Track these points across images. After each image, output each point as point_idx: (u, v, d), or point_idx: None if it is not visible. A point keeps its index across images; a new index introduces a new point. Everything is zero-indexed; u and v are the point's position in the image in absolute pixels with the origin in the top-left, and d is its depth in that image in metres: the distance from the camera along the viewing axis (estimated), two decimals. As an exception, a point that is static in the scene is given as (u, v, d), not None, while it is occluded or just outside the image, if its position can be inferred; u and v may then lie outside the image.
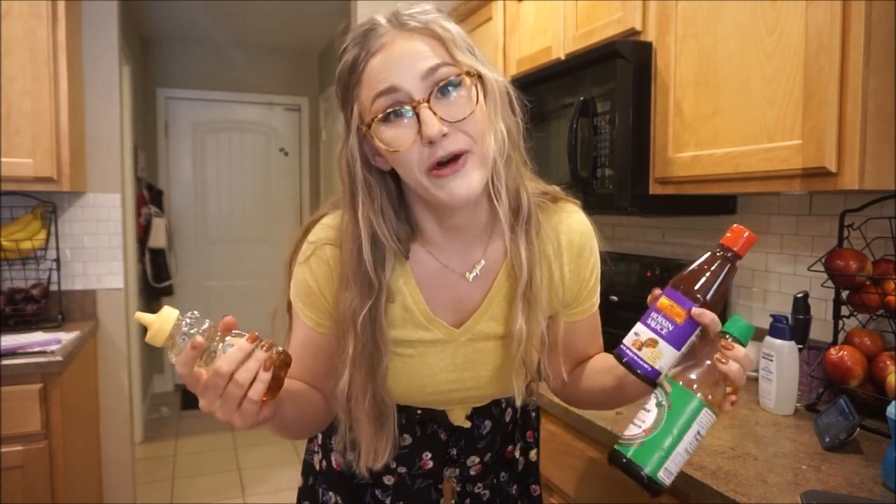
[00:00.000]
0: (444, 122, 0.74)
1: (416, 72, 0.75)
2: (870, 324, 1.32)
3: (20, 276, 2.33)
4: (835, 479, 0.99)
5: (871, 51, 1.06)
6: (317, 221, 0.91)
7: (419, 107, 0.74)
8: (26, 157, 2.03)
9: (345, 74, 0.80)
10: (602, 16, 1.73)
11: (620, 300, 2.05)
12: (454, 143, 0.75)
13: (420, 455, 0.97)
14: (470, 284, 0.89)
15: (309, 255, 0.87)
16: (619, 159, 1.58)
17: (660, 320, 0.71)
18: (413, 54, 0.76)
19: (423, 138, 0.74)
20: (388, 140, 0.76)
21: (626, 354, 0.73)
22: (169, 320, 0.66)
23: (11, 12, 1.99)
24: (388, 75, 0.75)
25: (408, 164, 0.76)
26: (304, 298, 0.89)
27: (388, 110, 0.75)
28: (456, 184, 0.76)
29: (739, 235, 0.72)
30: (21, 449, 1.81)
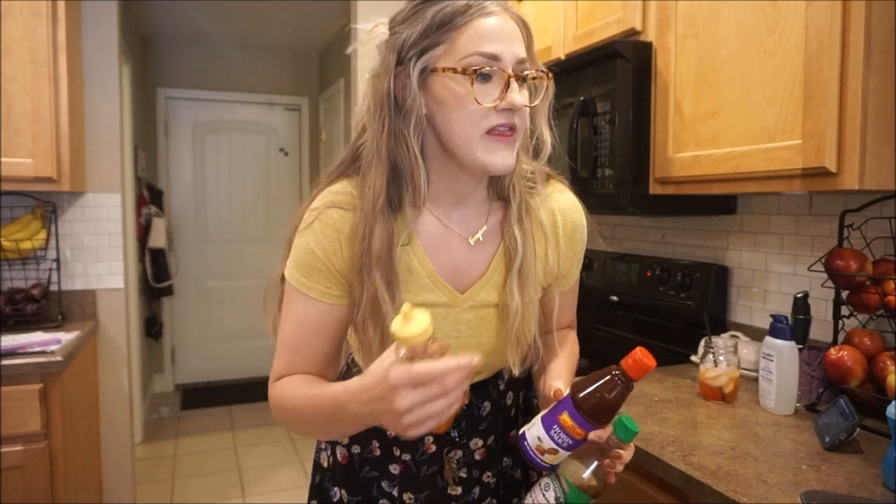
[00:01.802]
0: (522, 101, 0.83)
1: (514, 53, 0.82)
2: (870, 324, 1.32)
3: (20, 276, 2.33)
4: (835, 479, 0.99)
5: (871, 51, 1.06)
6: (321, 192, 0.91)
7: (511, 78, 0.81)
8: (26, 157, 2.02)
9: (449, 14, 0.81)
10: (602, 16, 1.73)
11: (620, 300, 2.05)
12: (516, 119, 0.83)
13: (423, 439, 0.97)
14: (472, 250, 0.92)
15: (311, 222, 0.86)
16: (619, 159, 1.58)
17: (562, 435, 0.79)
18: (517, 38, 0.83)
19: (503, 103, 0.81)
20: (474, 90, 0.80)
21: (528, 453, 0.82)
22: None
23: (11, 12, 1.99)
24: (497, 42, 0.81)
25: (471, 119, 0.81)
26: (307, 269, 0.86)
27: (486, 68, 0.80)
28: (503, 154, 0.83)
29: (642, 367, 0.81)
30: (21, 449, 1.81)
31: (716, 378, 1.36)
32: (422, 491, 0.98)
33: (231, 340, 4.68)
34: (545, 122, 0.91)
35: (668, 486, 1.09)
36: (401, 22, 0.85)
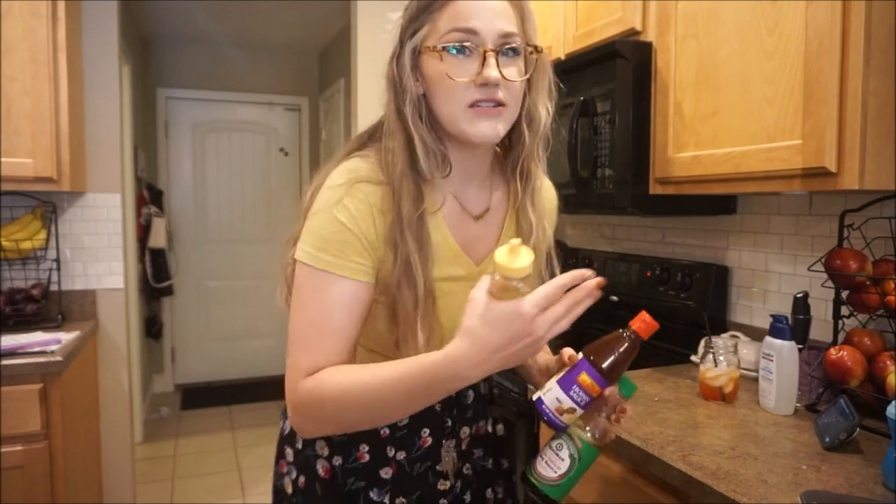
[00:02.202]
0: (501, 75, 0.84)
1: (497, 28, 0.83)
2: (870, 324, 1.32)
3: (20, 276, 2.33)
4: (835, 479, 0.99)
5: (871, 51, 1.06)
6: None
7: (488, 52, 0.83)
8: (26, 157, 2.02)
9: (421, 4, 0.86)
10: (602, 16, 1.73)
11: (620, 300, 2.05)
12: (499, 94, 0.84)
13: (419, 433, 0.97)
14: (480, 226, 0.95)
15: (340, 198, 0.83)
16: (619, 159, 1.58)
17: (581, 394, 0.83)
18: (501, 13, 0.84)
19: (478, 78, 0.82)
20: (448, 67, 0.83)
21: (547, 414, 0.85)
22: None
23: (11, 12, 1.99)
24: (475, 18, 0.83)
25: (452, 95, 0.84)
26: (337, 246, 0.82)
27: (462, 42, 0.83)
28: (486, 124, 0.85)
29: (650, 327, 0.90)
30: (21, 449, 1.81)
31: (716, 378, 1.36)
32: (414, 492, 0.98)
33: (231, 340, 4.68)
34: (541, 99, 0.92)
35: (668, 486, 1.09)
36: (405, 9, 0.89)
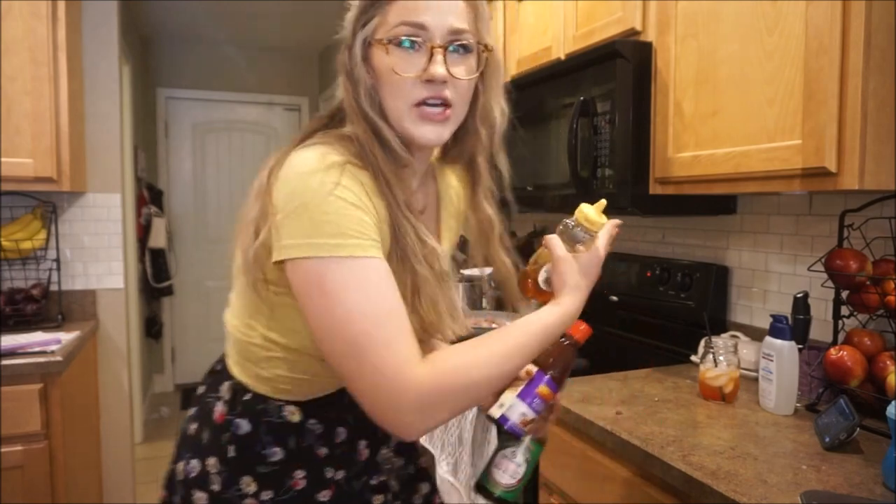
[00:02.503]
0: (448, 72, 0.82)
1: (447, 24, 0.82)
2: (870, 324, 1.31)
3: (20, 276, 2.33)
4: (835, 479, 0.99)
5: (871, 51, 1.06)
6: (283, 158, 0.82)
7: (436, 48, 0.81)
8: (26, 157, 2.03)
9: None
10: (602, 16, 1.73)
11: (620, 300, 2.05)
12: (445, 93, 0.83)
13: (356, 446, 0.95)
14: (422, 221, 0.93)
15: (338, 179, 0.75)
16: (619, 159, 1.58)
17: (540, 404, 0.90)
18: (451, 8, 0.83)
19: (424, 74, 0.81)
20: (395, 61, 0.81)
21: (513, 429, 0.89)
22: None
23: (11, 12, 1.99)
24: (425, 13, 0.81)
25: (400, 90, 0.82)
26: (356, 228, 0.74)
27: (410, 37, 0.81)
28: (430, 129, 0.84)
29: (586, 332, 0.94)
30: (21, 449, 1.81)
31: (716, 378, 1.36)
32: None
33: (231, 340, 4.68)
34: (495, 98, 0.91)
35: (668, 486, 1.09)
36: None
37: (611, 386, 1.49)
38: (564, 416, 1.37)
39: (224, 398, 0.93)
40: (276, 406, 0.90)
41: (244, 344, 0.91)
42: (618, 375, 1.57)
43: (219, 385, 0.95)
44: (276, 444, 0.89)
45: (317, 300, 0.74)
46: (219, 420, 0.92)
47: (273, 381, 0.90)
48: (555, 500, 1.45)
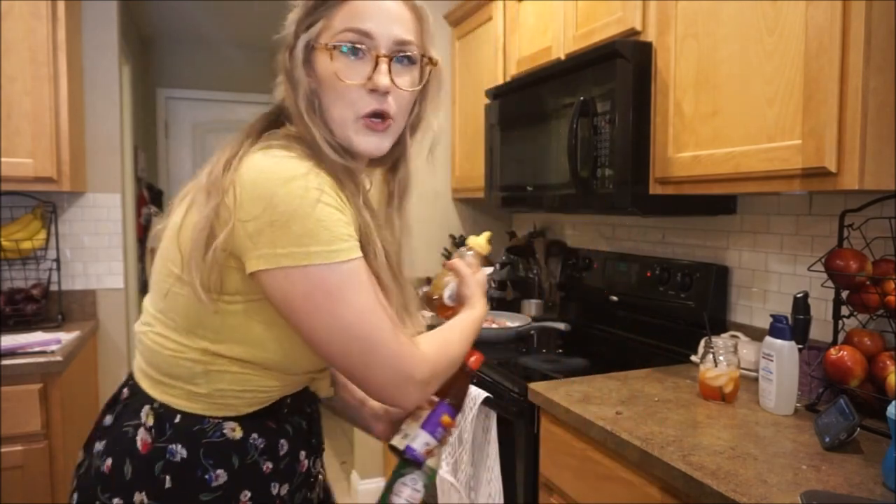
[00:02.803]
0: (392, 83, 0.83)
1: (393, 33, 0.83)
2: (870, 324, 1.32)
3: (20, 276, 2.33)
4: (835, 479, 0.99)
5: (871, 51, 1.06)
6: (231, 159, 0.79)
7: (381, 57, 0.82)
8: (26, 157, 2.03)
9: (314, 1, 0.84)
10: (602, 16, 1.73)
11: (620, 300, 2.05)
12: (389, 104, 0.84)
13: (298, 457, 0.91)
14: None
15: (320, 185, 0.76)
16: (619, 159, 1.58)
17: (442, 432, 0.97)
18: (397, 18, 0.84)
19: (368, 83, 0.82)
20: (339, 67, 0.82)
21: (417, 458, 0.95)
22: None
23: (11, 12, 1.99)
24: (371, 20, 0.82)
25: (345, 99, 0.83)
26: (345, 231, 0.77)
27: (355, 44, 0.82)
28: (372, 140, 0.85)
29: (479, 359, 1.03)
30: (21, 449, 1.81)
31: (716, 378, 1.36)
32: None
33: (231, 340, 4.68)
34: (432, 110, 0.93)
35: (668, 486, 1.09)
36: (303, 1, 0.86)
37: (611, 386, 1.49)
38: (564, 416, 1.37)
39: (146, 425, 0.83)
40: (213, 424, 0.83)
41: (172, 360, 0.83)
42: (618, 375, 1.57)
43: (135, 411, 0.85)
44: (218, 465, 0.82)
45: (323, 306, 0.76)
46: (144, 450, 0.82)
47: (210, 398, 0.83)
48: (555, 500, 1.46)
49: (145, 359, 0.87)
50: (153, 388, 0.85)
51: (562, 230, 2.57)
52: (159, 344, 0.84)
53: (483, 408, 1.63)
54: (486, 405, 1.62)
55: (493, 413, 1.62)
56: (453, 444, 1.76)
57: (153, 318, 0.86)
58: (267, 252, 0.74)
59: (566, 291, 2.39)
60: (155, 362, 0.85)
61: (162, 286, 0.84)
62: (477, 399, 1.63)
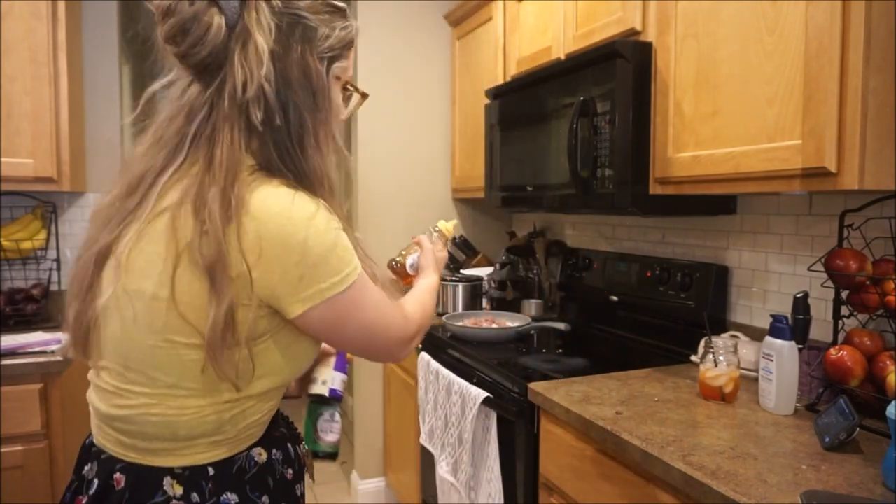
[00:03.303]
0: None
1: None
2: (870, 324, 1.32)
3: (20, 276, 2.33)
4: (835, 479, 0.99)
5: (871, 51, 1.06)
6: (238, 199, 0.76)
7: (364, 96, 0.96)
8: (26, 157, 2.03)
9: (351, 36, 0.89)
10: (602, 16, 1.73)
11: (620, 300, 2.05)
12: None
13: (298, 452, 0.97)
14: None
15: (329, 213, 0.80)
16: (619, 159, 1.58)
17: (347, 366, 1.15)
18: None
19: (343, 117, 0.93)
20: (342, 103, 0.92)
21: (338, 394, 1.13)
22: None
23: (11, 12, 1.99)
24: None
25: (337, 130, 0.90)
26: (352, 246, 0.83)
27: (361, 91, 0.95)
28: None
29: None
30: (21, 449, 1.81)
31: (716, 378, 1.36)
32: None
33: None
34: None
35: (669, 486, 1.09)
36: (313, 11, 0.84)
37: (611, 386, 1.49)
38: (564, 416, 1.37)
39: (175, 496, 0.78)
40: (244, 458, 0.84)
41: (194, 422, 0.78)
42: (618, 375, 1.57)
43: (150, 491, 0.78)
44: (262, 493, 0.85)
45: (355, 317, 0.84)
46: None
47: (236, 438, 0.82)
48: (555, 500, 1.46)
49: (143, 436, 0.79)
50: (166, 458, 0.80)
51: (562, 230, 2.57)
52: (171, 416, 0.78)
53: (483, 408, 1.63)
54: (486, 405, 1.62)
55: (493, 413, 1.62)
56: (453, 444, 1.76)
57: (150, 397, 0.78)
58: (310, 293, 0.77)
59: (566, 291, 2.39)
60: (165, 434, 0.79)
61: (156, 360, 0.77)
62: (477, 399, 1.63)
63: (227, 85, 0.78)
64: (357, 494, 2.82)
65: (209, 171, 0.76)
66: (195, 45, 0.78)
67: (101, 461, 0.82)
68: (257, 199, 0.75)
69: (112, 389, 0.81)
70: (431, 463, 1.96)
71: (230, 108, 0.78)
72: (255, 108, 0.78)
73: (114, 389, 0.80)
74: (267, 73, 0.78)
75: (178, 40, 0.79)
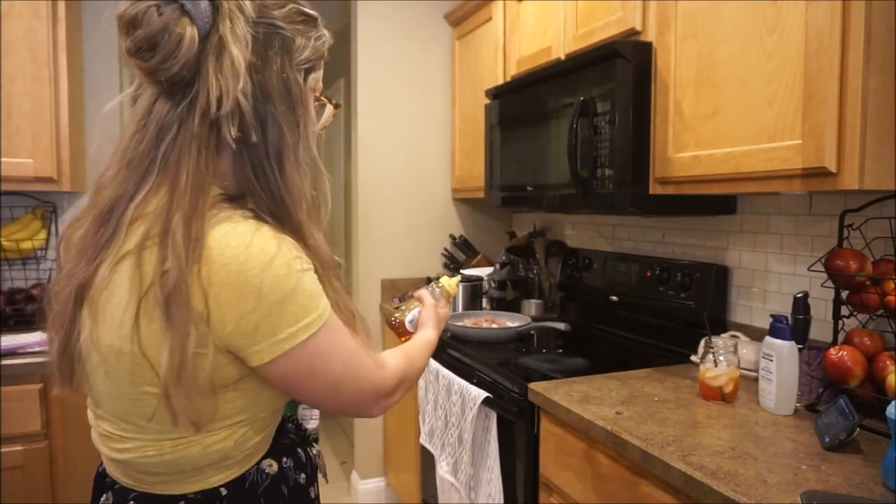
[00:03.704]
0: None
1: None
2: (870, 324, 1.32)
3: (20, 276, 2.33)
4: (835, 479, 0.99)
5: (871, 51, 1.06)
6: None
7: (337, 107, 0.95)
8: (26, 157, 2.03)
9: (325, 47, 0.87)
10: (602, 16, 1.73)
11: (620, 300, 2.05)
12: None
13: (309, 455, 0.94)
14: None
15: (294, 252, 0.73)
16: (619, 159, 1.58)
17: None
18: None
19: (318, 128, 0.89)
20: (315, 114, 0.88)
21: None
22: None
23: (11, 12, 1.99)
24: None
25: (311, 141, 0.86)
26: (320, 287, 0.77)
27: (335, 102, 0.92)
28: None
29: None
30: (21, 449, 1.81)
31: (716, 378, 1.36)
32: None
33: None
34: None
35: (669, 486, 1.09)
36: (288, 20, 0.80)
37: (611, 386, 1.49)
38: (564, 416, 1.37)
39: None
40: (255, 472, 0.83)
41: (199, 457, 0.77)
42: (618, 375, 1.57)
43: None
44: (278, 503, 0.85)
45: (319, 370, 0.77)
46: None
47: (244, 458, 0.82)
48: (555, 500, 1.46)
49: (149, 473, 0.78)
50: (177, 487, 0.79)
51: (562, 230, 2.57)
52: (171, 458, 0.76)
53: (483, 408, 1.63)
54: (486, 405, 1.62)
55: (493, 413, 1.62)
56: (453, 444, 1.76)
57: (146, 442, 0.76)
58: (267, 344, 0.71)
59: (566, 291, 2.39)
60: (171, 471, 0.77)
61: (141, 410, 0.75)
62: (477, 399, 1.63)
63: (199, 101, 0.72)
64: (357, 494, 2.82)
65: (173, 198, 0.71)
66: (166, 60, 0.71)
67: (115, 491, 0.82)
68: (213, 239, 0.69)
69: (109, 435, 0.80)
70: (431, 463, 1.96)
71: (200, 126, 0.73)
72: (230, 125, 0.72)
73: (111, 435, 0.79)
74: (244, 86, 0.72)
75: (146, 55, 0.73)
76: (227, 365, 0.73)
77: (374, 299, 2.77)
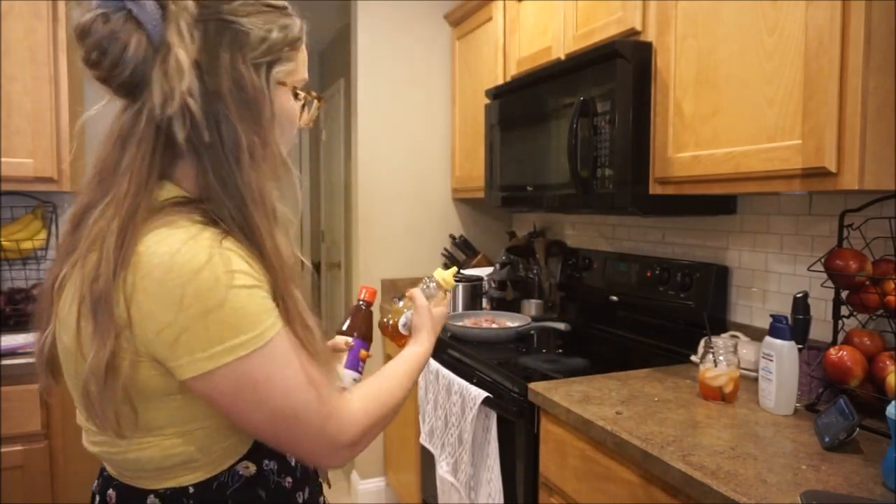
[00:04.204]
0: None
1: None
2: (870, 324, 1.32)
3: (20, 276, 2.33)
4: (835, 479, 0.99)
5: (871, 51, 1.06)
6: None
7: (321, 101, 0.89)
8: (26, 157, 2.03)
9: (297, 34, 0.82)
10: (602, 16, 1.73)
11: (620, 300, 2.05)
12: None
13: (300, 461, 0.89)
14: None
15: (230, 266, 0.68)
16: (619, 159, 1.58)
17: (361, 365, 1.09)
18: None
19: (301, 124, 0.87)
20: (296, 109, 0.84)
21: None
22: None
23: (11, 12, 1.99)
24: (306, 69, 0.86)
25: (289, 139, 0.84)
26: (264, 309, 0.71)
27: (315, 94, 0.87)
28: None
29: (371, 292, 1.17)
30: (21, 449, 1.81)
31: (716, 378, 1.36)
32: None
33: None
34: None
35: (669, 486, 1.09)
36: (244, 14, 0.76)
37: (611, 386, 1.49)
38: (564, 416, 1.37)
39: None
40: (227, 473, 0.79)
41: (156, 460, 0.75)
42: (618, 375, 1.57)
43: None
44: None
45: (250, 399, 0.71)
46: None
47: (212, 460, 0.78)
48: (555, 500, 1.46)
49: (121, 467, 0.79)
50: (148, 483, 0.78)
51: (562, 230, 2.57)
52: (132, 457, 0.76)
53: (483, 408, 1.63)
54: (486, 405, 1.62)
55: (493, 413, 1.62)
56: (453, 444, 1.76)
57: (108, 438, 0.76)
58: (187, 360, 0.67)
59: (566, 291, 2.39)
60: (135, 468, 0.77)
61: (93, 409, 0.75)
62: (477, 399, 1.63)
63: (147, 105, 0.71)
64: (357, 494, 2.83)
65: (115, 205, 0.70)
66: (115, 67, 0.71)
67: (103, 478, 0.84)
68: (144, 246, 0.67)
69: (85, 428, 0.81)
70: (431, 463, 1.96)
71: (146, 130, 0.72)
72: (179, 127, 0.70)
73: (86, 428, 0.80)
74: (189, 86, 0.70)
75: (96, 63, 0.72)
76: (157, 376, 0.70)
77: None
